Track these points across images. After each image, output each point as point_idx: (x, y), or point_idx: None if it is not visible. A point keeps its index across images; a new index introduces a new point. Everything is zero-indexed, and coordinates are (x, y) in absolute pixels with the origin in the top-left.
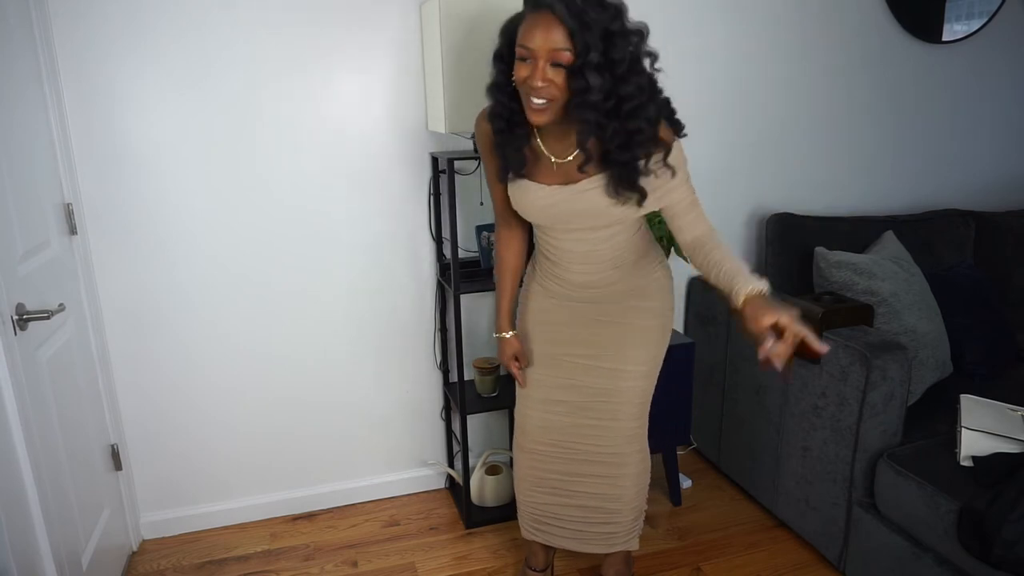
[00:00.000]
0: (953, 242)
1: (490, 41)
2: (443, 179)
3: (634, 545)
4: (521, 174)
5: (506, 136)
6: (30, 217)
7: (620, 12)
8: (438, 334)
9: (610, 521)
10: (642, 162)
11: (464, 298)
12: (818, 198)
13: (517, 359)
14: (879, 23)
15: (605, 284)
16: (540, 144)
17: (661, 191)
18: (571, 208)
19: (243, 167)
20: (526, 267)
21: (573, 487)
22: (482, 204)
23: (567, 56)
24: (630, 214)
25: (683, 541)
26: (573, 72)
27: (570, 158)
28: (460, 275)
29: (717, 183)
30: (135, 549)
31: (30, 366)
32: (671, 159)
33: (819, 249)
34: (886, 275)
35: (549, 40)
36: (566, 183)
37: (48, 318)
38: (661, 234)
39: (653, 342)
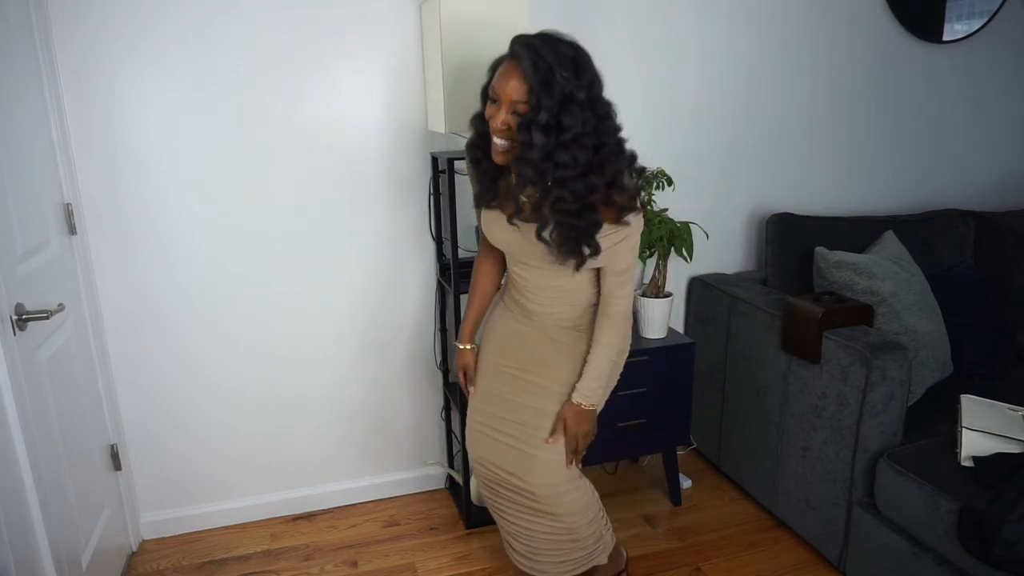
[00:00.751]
0: (953, 242)
1: (489, 41)
2: (443, 179)
3: (602, 560)
4: (491, 204)
5: (482, 166)
6: (30, 217)
7: (592, 84)
8: (438, 334)
9: (565, 560)
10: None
11: (464, 298)
12: (818, 198)
13: (466, 373)
14: (879, 23)
15: (556, 315)
16: (513, 179)
17: (606, 256)
18: (522, 246)
19: (243, 167)
20: (499, 290)
21: (519, 521)
22: None
23: (524, 108)
24: (569, 268)
25: (683, 541)
26: (522, 125)
27: (524, 198)
28: (460, 275)
29: (717, 183)
30: (135, 549)
31: (30, 366)
32: (622, 243)
33: (819, 249)
34: (886, 275)
35: (511, 89)
36: (525, 221)
37: (47, 318)
38: (661, 234)
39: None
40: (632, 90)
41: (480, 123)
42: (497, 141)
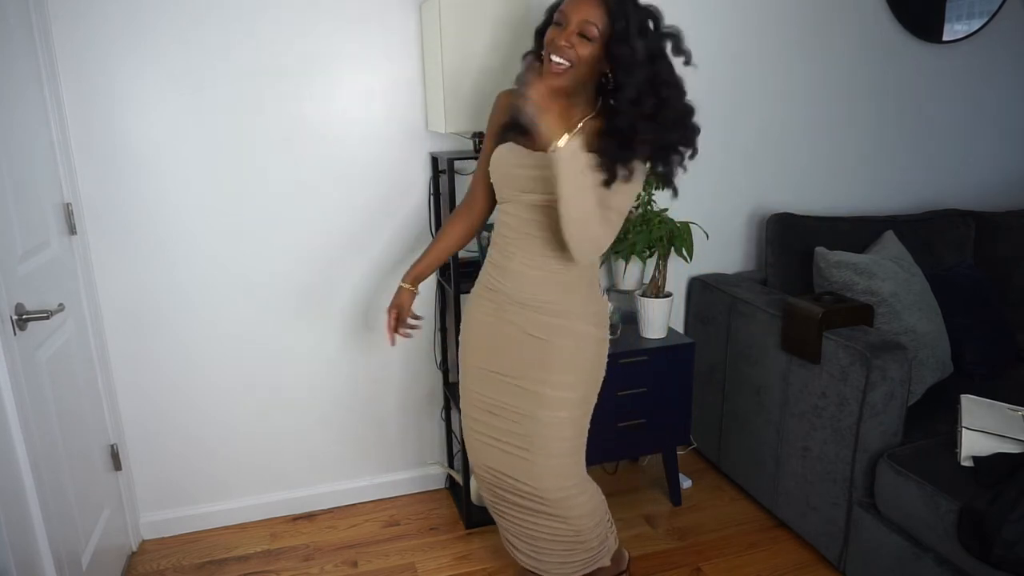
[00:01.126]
0: (953, 242)
1: (490, 41)
2: (443, 179)
3: (605, 562)
4: (511, 137)
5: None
6: (30, 217)
7: (657, 19)
8: (438, 334)
9: (568, 561)
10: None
11: (464, 298)
12: (818, 198)
13: (399, 315)
14: (879, 23)
15: (539, 290)
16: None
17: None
18: (535, 176)
19: (243, 167)
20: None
21: (523, 524)
22: None
23: (594, 31)
24: None
25: (683, 541)
26: (617, 40)
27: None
28: (460, 275)
29: (717, 183)
30: (135, 549)
31: (30, 366)
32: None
33: (819, 249)
34: (886, 275)
35: (584, 11)
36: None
37: (48, 318)
38: (661, 234)
39: (579, 368)
40: None
41: (532, 57)
42: (555, 60)
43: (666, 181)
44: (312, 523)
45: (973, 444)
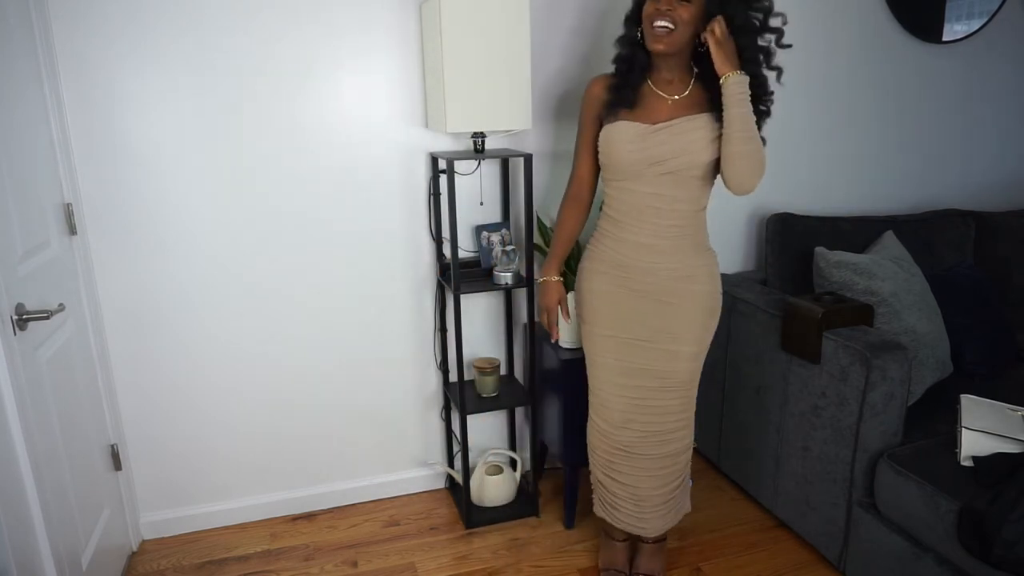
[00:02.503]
0: (953, 242)
1: (490, 41)
2: (443, 179)
3: (685, 509)
4: (623, 115)
5: (624, 77)
6: (30, 217)
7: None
8: (438, 334)
9: (666, 513)
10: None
11: (464, 298)
12: (818, 198)
13: (559, 308)
14: (879, 23)
15: (664, 259)
16: (651, 86)
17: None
18: (668, 144)
19: (243, 167)
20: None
21: (638, 475)
22: (482, 204)
23: None
24: (710, 155)
25: (683, 541)
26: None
27: (677, 96)
28: (460, 275)
29: (717, 183)
30: (135, 549)
31: (30, 366)
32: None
33: (819, 249)
34: (886, 275)
35: None
36: (670, 119)
37: (48, 318)
38: None
39: (701, 325)
40: None
41: (623, 44)
42: (659, 23)
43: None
44: (312, 523)
45: (973, 444)
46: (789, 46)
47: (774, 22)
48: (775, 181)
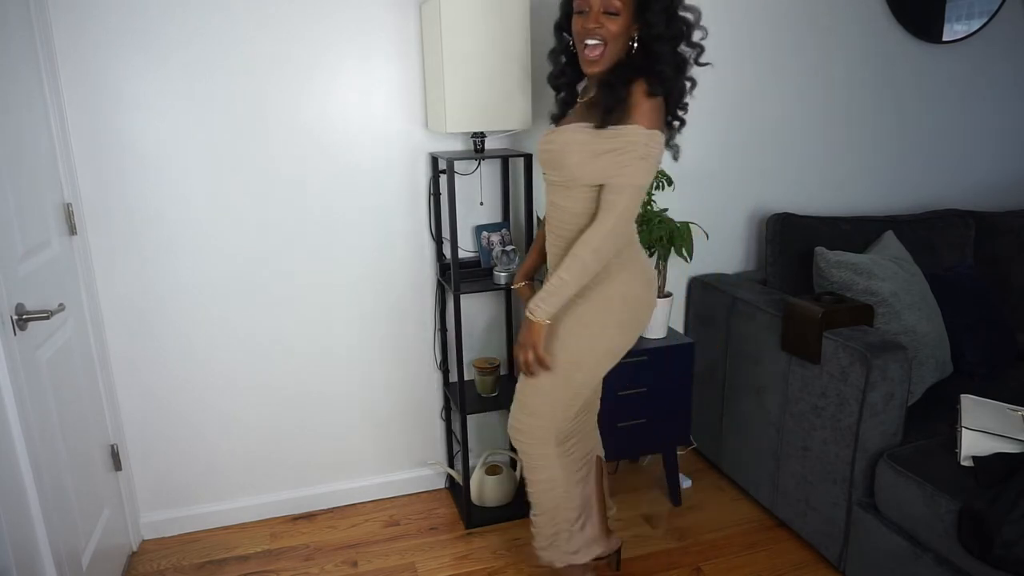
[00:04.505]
0: (953, 242)
1: (489, 41)
2: (443, 179)
3: (546, 558)
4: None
5: (561, 94)
6: (30, 217)
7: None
8: (438, 334)
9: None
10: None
11: (464, 298)
12: (818, 198)
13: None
14: (879, 23)
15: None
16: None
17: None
18: (550, 151)
19: (243, 167)
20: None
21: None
22: (482, 204)
23: (617, 4)
24: (584, 165)
25: (683, 541)
26: (639, 8)
27: (585, 99)
28: (460, 275)
29: (717, 183)
30: (135, 549)
31: (30, 366)
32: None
33: (819, 249)
34: (886, 275)
35: None
36: (567, 124)
37: (48, 318)
38: (661, 234)
39: (568, 348)
40: None
41: (555, 57)
42: (589, 42)
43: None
44: (312, 523)
45: (973, 444)
46: (707, 64)
47: (697, 35)
48: (775, 181)
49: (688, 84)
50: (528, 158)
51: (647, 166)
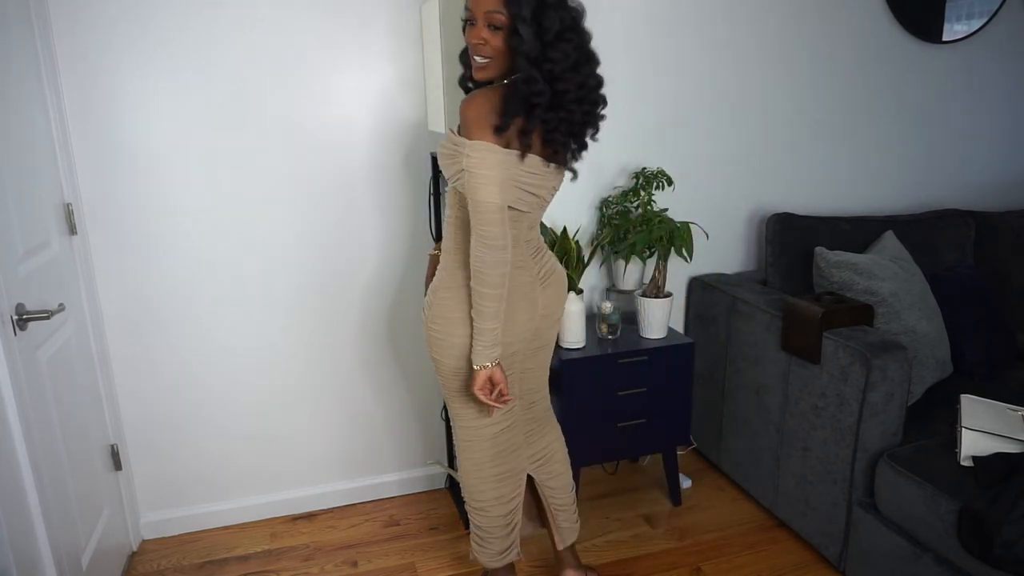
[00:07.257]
0: (953, 242)
1: None
2: (443, 179)
3: (476, 556)
4: None
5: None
6: (30, 217)
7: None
8: None
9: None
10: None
11: None
12: (818, 198)
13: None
14: (879, 23)
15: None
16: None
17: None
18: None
19: (243, 167)
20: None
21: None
22: None
23: (500, 18)
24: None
25: (683, 541)
26: (511, 32)
27: None
28: None
29: (717, 183)
30: (135, 549)
31: (30, 366)
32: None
33: (819, 249)
34: (886, 275)
35: (485, 3)
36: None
37: (48, 318)
38: (661, 234)
39: (433, 349)
40: (633, 92)
41: (463, 57)
42: (476, 59)
43: (557, 160)
44: (312, 523)
45: (973, 444)
46: (602, 115)
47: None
48: (775, 181)
49: (568, 114)
50: None
51: (475, 182)
